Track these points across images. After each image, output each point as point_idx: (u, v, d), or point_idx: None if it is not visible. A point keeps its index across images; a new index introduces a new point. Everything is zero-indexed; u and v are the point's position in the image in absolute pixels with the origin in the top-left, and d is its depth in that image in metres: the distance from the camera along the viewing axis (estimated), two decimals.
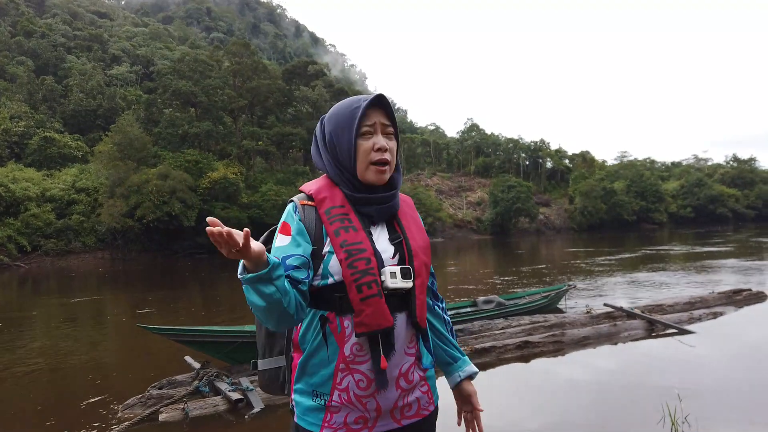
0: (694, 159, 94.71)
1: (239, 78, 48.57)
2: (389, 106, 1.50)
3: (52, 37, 64.52)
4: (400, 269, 1.42)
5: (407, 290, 1.42)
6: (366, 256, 1.40)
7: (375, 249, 1.43)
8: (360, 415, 1.41)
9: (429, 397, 1.53)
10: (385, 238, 1.49)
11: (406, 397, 1.46)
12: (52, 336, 9.66)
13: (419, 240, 1.52)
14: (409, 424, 1.48)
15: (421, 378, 1.50)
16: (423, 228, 1.59)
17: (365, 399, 1.40)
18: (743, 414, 4.50)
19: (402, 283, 1.41)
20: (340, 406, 1.41)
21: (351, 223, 1.44)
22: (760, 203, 74.97)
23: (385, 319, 1.38)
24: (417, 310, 1.44)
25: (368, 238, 1.44)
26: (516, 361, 6.51)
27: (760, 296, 9.86)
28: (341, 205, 1.47)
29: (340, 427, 1.41)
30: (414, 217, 1.59)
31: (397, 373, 1.43)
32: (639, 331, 7.61)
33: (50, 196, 37.05)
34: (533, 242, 43.80)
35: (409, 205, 1.62)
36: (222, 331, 6.16)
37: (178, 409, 4.89)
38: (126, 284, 21.04)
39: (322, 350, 1.42)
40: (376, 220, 1.51)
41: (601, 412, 4.79)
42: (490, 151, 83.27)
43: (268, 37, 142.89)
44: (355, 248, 1.40)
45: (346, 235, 1.42)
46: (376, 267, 1.40)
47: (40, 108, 49.86)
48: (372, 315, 1.37)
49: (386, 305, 1.39)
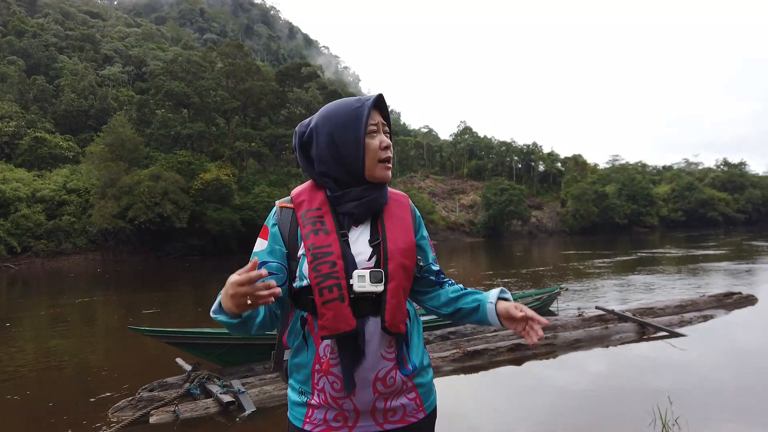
0: (686, 163, 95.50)
1: (232, 79, 48.53)
2: (386, 106, 1.53)
3: (43, 36, 64.18)
4: (369, 273, 1.39)
5: (378, 294, 1.41)
6: (331, 260, 1.39)
7: (344, 252, 1.42)
8: (338, 413, 1.43)
9: (417, 404, 1.50)
10: (364, 240, 1.48)
11: (388, 401, 1.44)
12: (42, 338, 9.60)
13: (400, 242, 1.48)
14: (392, 429, 1.46)
15: (405, 383, 1.46)
16: (410, 228, 1.54)
17: (341, 400, 1.41)
18: (733, 416, 4.53)
19: (371, 287, 1.38)
20: (319, 405, 1.43)
21: (324, 225, 1.45)
22: (750, 207, 75.68)
23: (345, 323, 1.37)
24: (386, 315, 1.40)
25: (339, 240, 1.43)
26: (508, 363, 6.52)
27: (750, 299, 9.92)
28: (318, 207, 1.48)
29: (320, 423, 1.43)
30: (402, 217, 1.55)
31: (373, 377, 1.41)
32: (630, 333, 7.64)
33: (41, 196, 36.83)
34: (525, 245, 43.95)
35: (400, 205, 1.58)
36: (213, 333, 6.13)
37: (169, 411, 4.86)
38: (117, 286, 20.92)
39: (302, 350, 1.45)
40: (359, 218, 1.50)
41: (592, 414, 4.80)
42: (483, 153, 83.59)
43: (262, 39, 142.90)
44: (321, 251, 1.40)
45: (315, 239, 1.42)
46: (341, 270, 1.39)
47: (31, 108, 49.62)
48: (332, 319, 1.36)
49: (349, 309, 1.37)
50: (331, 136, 1.48)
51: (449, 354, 6.49)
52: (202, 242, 37.55)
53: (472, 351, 6.58)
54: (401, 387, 1.46)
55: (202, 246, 37.45)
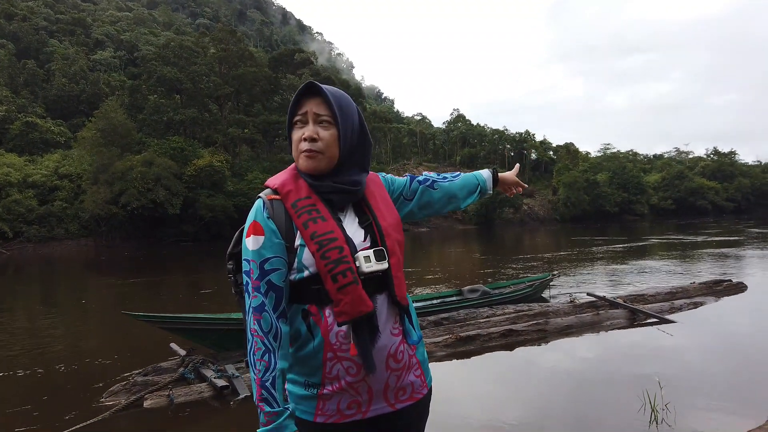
0: (676, 152, 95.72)
1: (225, 65, 48.21)
2: (325, 93, 1.45)
3: (33, 20, 63.47)
4: (373, 252, 1.43)
5: (384, 271, 1.44)
6: (338, 245, 1.40)
7: (346, 236, 1.43)
8: (352, 400, 1.43)
9: (422, 380, 1.55)
10: (354, 222, 1.49)
11: (398, 380, 1.47)
12: (34, 323, 9.58)
13: (389, 218, 1.53)
14: (403, 408, 1.49)
15: (412, 357, 1.51)
16: (392, 205, 1.60)
17: (356, 384, 1.42)
18: (721, 400, 4.59)
19: (377, 265, 1.42)
20: (332, 393, 1.42)
21: (319, 213, 1.44)
22: (739, 196, 76.01)
23: (364, 304, 1.39)
24: (396, 289, 1.46)
25: (338, 225, 1.44)
26: (500, 349, 6.57)
27: (740, 287, 10.01)
28: (307, 195, 1.47)
29: (333, 413, 1.43)
30: (382, 195, 1.59)
31: (386, 355, 1.44)
32: (621, 320, 7.71)
33: (32, 182, 36.61)
34: (517, 233, 44.08)
35: (376, 184, 1.61)
36: (208, 318, 6.15)
37: (163, 395, 4.88)
38: (110, 271, 20.86)
39: (308, 343, 1.42)
40: (340, 204, 1.50)
41: (582, 399, 4.85)
42: (475, 141, 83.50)
43: (255, 24, 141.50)
44: (326, 238, 1.40)
45: (315, 227, 1.41)
46: (349, 254, 1.40)
47: (21, 92, 49.13)
48: (351, 303, 1.38)
49: (364, 290, 1.39)
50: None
51: (442, 339, 6.53)
52: (195, 228, 37.48)
53: (465, 336, 6.63)
54: (409, 362, 1.50)
55: (196, 232, 37.39)
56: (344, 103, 1.48)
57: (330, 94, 1.45)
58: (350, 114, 1.49)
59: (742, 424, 3.95)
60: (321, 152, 1.45)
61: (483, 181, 1.91)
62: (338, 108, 1.45)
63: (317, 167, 1.46)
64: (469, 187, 1.87)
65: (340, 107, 1.46)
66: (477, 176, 1.91)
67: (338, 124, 1.46)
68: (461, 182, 1.85)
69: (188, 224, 37.34)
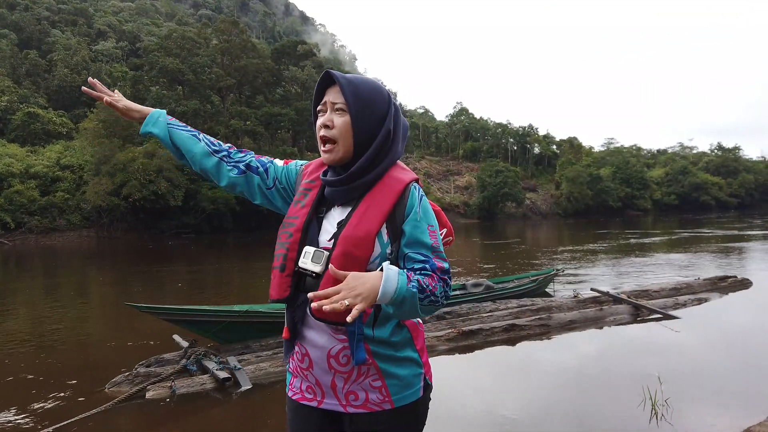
0: (680, 147, 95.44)
1: (227, 56, 47.99)
2: (340, 81, 1.43)
3: (35, 10, 63.31)
4: (314, 251, 1.40)
5: (317, 274, 1.39)
6: (290, 231, 1.47)
7: (306, 225, 1.46)
8: (308, 386, 1.50)
9: (383, 394, 1.44)
10: (335, 220, 1.47)
11: (346, 382, 1.43)
12: (37, 314, 9.58)
13: (361, 230, 1.39)
14: (355, 413, 1.45)
15: (364, 367, 1.43)
16: (381, 216, 1.41)
17: (305, 372, 1.48)
18: (722, 397, 4.58)
19: (311, 265, 1.39)
20: (293, 372, 1.54)
21: (304, 198, 1.52)
22: (743, 192, 75.98)
23: (278, 291, 1.45)
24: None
25: (308, 213, 1.48)
26: (502, 343, 6.56)
27: (745, 283, 9.99)
28: (311, 180, 1.56)
29: (297, 392, 1.53)
30: (380, 203, 1.43)
31: (326, 354, 1.43)
32: (625, 315, 7.70)
33: (34, 172, 36.57)
34: (520, 227, 44.05)
35: (389, 190, 1.45)
36: (210, 310, 6.14)
37: (166, 387, 4.87)
38: (112, 262, 20.89)
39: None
40: (334, 201, 1.50)
41: (583, 394, 4.84)
42: (478, 135, 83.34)
43: (257, 15, 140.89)
44: (288, 221, 1.49)
45: (291, 209, 1.53)
46: (295, 242, 1.45)
47: (23, 83, 49.10)
48: (276, 285, 1.45)
49: (288, 279, 1.44)
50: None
51: (444, 333, 6.52)
52: (197, 220, 37.48)
53: (468, 331, 6.61)
54: (358, 370, 1.43)
55: (197, 224, 37.39)
56: (362, 90, 1.45)
57: (345, 82, 1.44)
58: (369, 101, 1.46)
59: (743, 421, 3.94)
60: (334, 140, 1.45)
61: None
62: (352, 94, 1.43)
63: (333, 160, 1.47)
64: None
65: (355, 94, 1.44)
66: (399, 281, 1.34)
67: (351, 111, 1.43)
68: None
69: (190, 216, 37.33)
